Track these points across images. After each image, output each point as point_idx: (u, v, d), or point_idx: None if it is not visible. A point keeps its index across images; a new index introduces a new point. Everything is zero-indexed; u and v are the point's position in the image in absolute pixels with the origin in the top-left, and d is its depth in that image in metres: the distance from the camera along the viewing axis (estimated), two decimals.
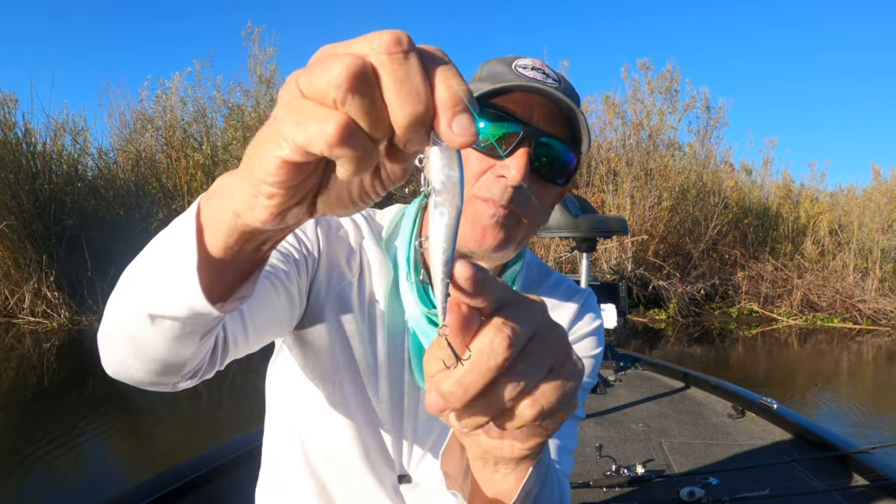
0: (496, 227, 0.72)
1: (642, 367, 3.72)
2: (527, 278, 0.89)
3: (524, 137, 0.69)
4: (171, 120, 9.00)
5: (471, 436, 0.44)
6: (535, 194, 0.73)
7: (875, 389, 5.83)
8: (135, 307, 0.49)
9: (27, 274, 6.85)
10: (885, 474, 2.01)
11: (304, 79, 0.31)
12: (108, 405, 4.22)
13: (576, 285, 0.94)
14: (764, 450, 2.45)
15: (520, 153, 0.69)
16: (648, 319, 8.90)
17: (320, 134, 0.30)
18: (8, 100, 7.32)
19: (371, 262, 0.81)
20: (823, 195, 11.71)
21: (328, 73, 0.29)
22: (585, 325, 0.88)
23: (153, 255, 0.49)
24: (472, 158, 0.72)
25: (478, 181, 0.72)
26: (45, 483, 3.00)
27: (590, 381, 0.88)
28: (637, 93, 9.68)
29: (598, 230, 2.71)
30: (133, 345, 0.52)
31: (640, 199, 9.06)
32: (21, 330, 6.47)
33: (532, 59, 0.75)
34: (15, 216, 6.76)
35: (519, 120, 0.70)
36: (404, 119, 0.30)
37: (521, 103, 0.70)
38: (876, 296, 9.38)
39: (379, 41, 0.30)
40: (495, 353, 0.34)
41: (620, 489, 2.03)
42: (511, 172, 0.69)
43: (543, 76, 0.72)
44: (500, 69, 0.73)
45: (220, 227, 0.41)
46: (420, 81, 0.30)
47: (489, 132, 0.70)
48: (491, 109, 0.70)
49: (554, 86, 0.71)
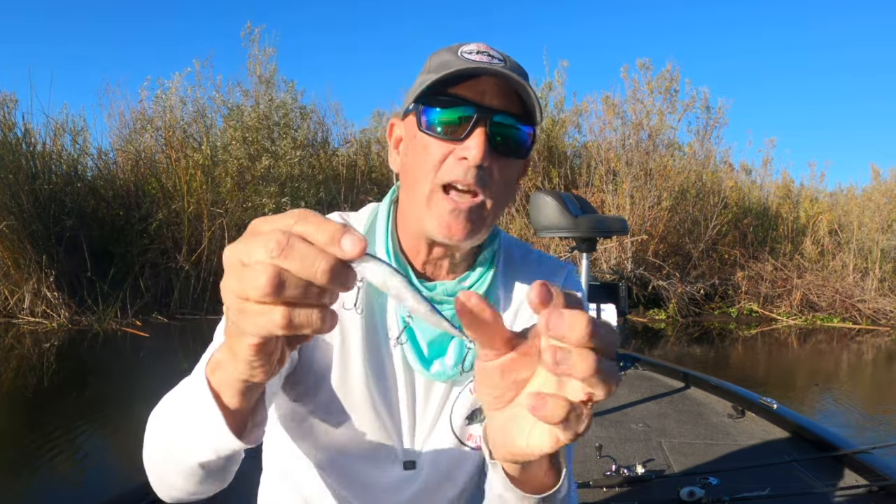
0: (459, 219, 0.75)
1: (642, 367, 3.72)
2: (507, 258, 0.91)
3: (479, 118, 0.73)
4: (170, 120, 8.99)
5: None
6: (498, 169, 0.76)
7: (875, 389, 5.83)
8: (182, 464, 0.62)
9: (27, 274, 6.84)
10: (885, 474, 2.01)
11: (234, 283, 0.41)
12: (107, 405, 4.22)
13: (556, 260, 0.96)
14: (764, 450, 2.45)
15: (477, 133, 0.72)
16: (648, 319, 8.90)
17: (270, 325, 0.40)
18: (8, 100, 7.31)
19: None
20: (823, 195, 11.71)
21: (255, 283, 0.39)
22: None
23: (184, 424, 0.60)
24: (434, 146, 0.75)
25: (441, 167, 0.74)
26: (44, 483, 3.00)
27: None
28: (637, 93, 9.68)
29: (598, 230, 2.70)
30: (186, 489, 0.67)
31: (640, 199, 9.06)
32: (21, 330, 6.46)
33: (477, 43, 0.77)
34: (14, 216, 6.75)
35: (472, 102, 0.73)
36: (322, 278, 0.39)
37: (471, 87, 0.73)
38: (875, 296, 9.38)
39: (270, 245, 0.39)
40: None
41: (620, 489, 2.03)
42: (472, 153, 0.72)
43: (489, 58, 0.75)
44: (448, 57, 0.76)
45: (233, 389, 0.52)
46: (312, 253, 0.39)
47: (445, 118, 0.73)
48: (444, 97, 0.73)
49: (500, 65, 0.74)
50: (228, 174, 8.36)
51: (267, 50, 9.41)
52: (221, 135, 9.05)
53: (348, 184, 9.71)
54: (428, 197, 0.76)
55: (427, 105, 0.75)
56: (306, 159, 9.26)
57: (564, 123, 10.58)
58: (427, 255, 0.83)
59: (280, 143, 8.87)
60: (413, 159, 0.78)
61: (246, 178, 8.50)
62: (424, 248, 0.82)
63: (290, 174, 8.77)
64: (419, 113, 0.76)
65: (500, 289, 0.88)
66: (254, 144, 8.70)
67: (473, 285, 0.84)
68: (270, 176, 8.57)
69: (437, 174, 0.75)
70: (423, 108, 0.75)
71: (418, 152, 0.76)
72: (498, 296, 0.88)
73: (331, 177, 9.71)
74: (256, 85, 9.39)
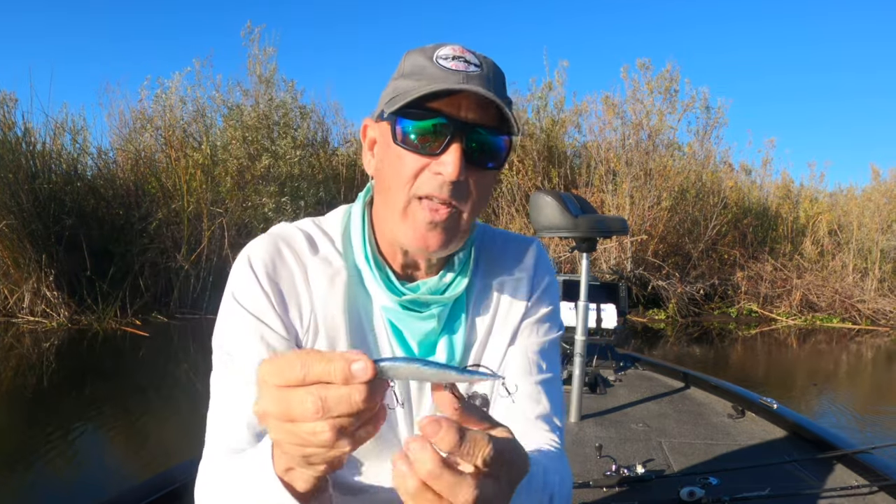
0: (435, 232, 0.75)
1: (642, 367, 3.72)
2: (482, 244, 0.92)
3: (455, 132, 0.72)
4: (170, 119, 8.98)
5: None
6: (475, 181, 0.76)
7: (874, 389, 5.84)
8: None
9: (26, 273, 6.84)
10: (885, 474, 2.01)
11: (297, 439, 0.46)
12: (107, 405, 4.22)
13: (521, 236, 0.97)
14: (764, 450, 2.45)
15: (453, 149, 0.71)
16: (648, 319, 8.90)
17: (343, 455, 0.47)
18: (7, 99, 7.31)
19: (322, 278, 0.82)
20: (823, 195, 11.72)
21: (320, 440, 0.45)
22: (541, 280, 0.92)
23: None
24: (409, 158, 0.74)
25: (416, 180, 0.74)
26: (44, 483, 2.99)
27: (559, 333, 0.93)
28: (636, 93, 9.68)
29: (598, 230, 2.70)
30: None
31: (640, 199, 9.06)
32: (20, 329, 6.46)
33: (452, 46, 0.76)
34: (14, 215, 6.75)
35: (447, 116, 0.72)
36: (364, 404, 0.44)
37: (448, 100, 0.72)
38: (875, 296, 9.39)
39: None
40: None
41: (620, 489, 2.03)
42: (447, 168, 0.71)
43: (465, 64, 0.73)
44: (423, 62, 0.75)
45: (306, 482, 0.55)
46: (345, 394, 0.43)
47: (420, 131, 0.73)
48: (419, 109, 0.72)
49: (476, 72, 0.73)
50: (228, 174, 8.36)
51: (267, 49, 9.41)
52: (221, 134, 9.04)
53: (348, 183, 9.71)
54: (403, 210, 0.75)
55: (402, 116, 0.73)
56: (306, 159, 9.26)
57: (564, 123, 10.58)
58: (404, 257, 0.84)
59: (280, 143, 8.87)
60: (388, 168, 0.77)
61: (246, 177, 8.50)
62: (401, 252, 0.83)
63: (289, 174, 8.77)
64: (394, 123, 0.74)
65: (476, 279, 0.90)
66: (253, 144, 8.70)
67: (454, 281, 0.85)
68: (270, 175, 8.57)
69: (412, 187, 0.74)
70: (399, 119, 0.74)
71: (393, 163, 0.75)
72: (474, 287, 0.89)
73: (330, 176, 9.71)
74: (256, 84, 9.39)
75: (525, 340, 0.89)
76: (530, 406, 0.84)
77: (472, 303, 0.88)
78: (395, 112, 0.73)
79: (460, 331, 0.86)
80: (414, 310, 0.81)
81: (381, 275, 0.81)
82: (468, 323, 0.87)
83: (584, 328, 2.73)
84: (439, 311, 0.83)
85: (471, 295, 0.88)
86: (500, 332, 0.89)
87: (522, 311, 0.89)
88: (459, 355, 0.85)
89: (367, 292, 0.83)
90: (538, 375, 0.87)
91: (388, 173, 0.77)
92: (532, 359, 0.88)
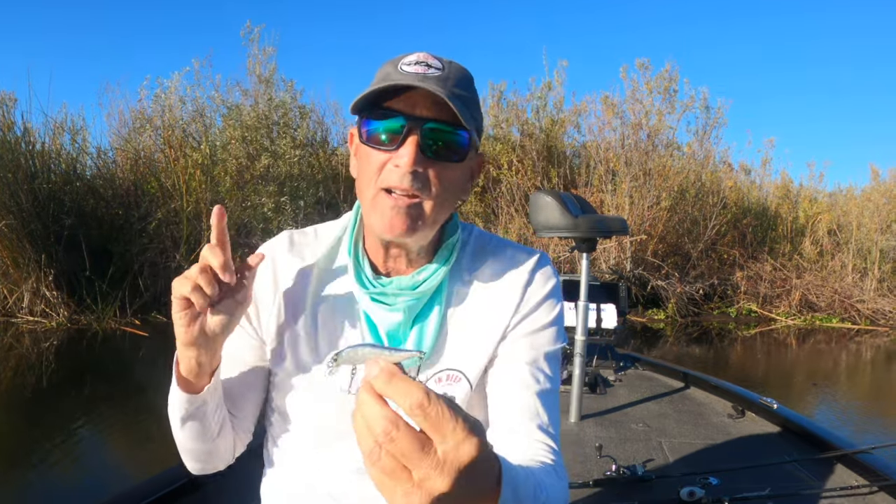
0: (399, 216, 0.81)
1: (642, 367, 3.72)
2: (477, 251, 0.95)
3: (410, 128, 0.79)
4: (169, 119, 8.98)
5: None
6: (436, 173, 0.82)
7: (874, 389, 5.84)
8: (174, 425, 0.89)
9: (26, 273, 6.84)
10: (885, 474, 2.01)
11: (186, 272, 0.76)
12: (107, 405, 4.22)
13: (526, 248, 0.99)
14: (764, 450, 2.45)
15: (408, 142, 0.79)
16: (647, 319, 8.91)
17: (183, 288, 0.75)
18: (7, 99, 7.31)
19: (289, 271, 0.93)
20: (822, 195, 11.72)
21: (192, 270, 0.76)
22: (538, 289, 0.93)
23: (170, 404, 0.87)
24: (374, 155, 0.82)
25: (380, 174, 0.81)
26: (44, 483, 2.99)
27: (559, 345, 0.94)
28: (636, 93, 9.68)
29: (597, 230, 2.70)
30: (187, 447, 0.92)
31: (639, 199, 9.06)
32: (20, 329, 6.46)
33: (418, 53, 0.83)
34: (13, 215, 6.75)
35: (403, 114, 0.79)
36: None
37: (404, 100, 0.80)
38: (874, 296, 9.40)
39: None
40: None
41: (620, 489, 2.03)
42: (403, 160, 0.79)
43: (425, 68, 0.80)
44: (389, 69, 0.82)
45: (180, 359, 0.82)
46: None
47: (381, 129, 0.81)
48: (380, 109, 0.80)
49: (434, 74, 0.80)
50: (227, 173, 8.35)
51: (266, 49, 9.42)
52: (220, 134, 9.04)
53: (348, 183, 9.70)
54: (372, 200, 0.83)
55: (366, 118, 0.82)
56: (305, 159, 9.26)
57: (564, 123, 10.59)
58: (385, 253, 0.90)
59: (279, 143, 8.87)
60: (360, 166, 0.85)
61: (245, 177, 8.50)
62: (382, 247, 0.89)
63: (289, 173, 8.77)
64: (360, 125, 0.83)
65: (463, 280, 0.93)
66: (253, 144, 8.70)
67: (428, 279, 0.89)
68: (269, 175, 8.57)
69: (377, 180, 0.82)
70: (363, 121, 0.83)
71: (363, 160, 0.84)
72: (459, 286, 0.92)
73: (330, 176, 9.70)
74: (256, 84, 9.39)
75: (522, 351, 0.90)
76: (527, 420, 0.84)
77: (453, 300, 0.91)
78: (361, 115, 0.83)
79: (432, 324, 0.89)
80: (383, 302, 0.87)
81: (357, 269, 0.89)
82: (443, 318, 0.90)
83: (584, 328, 2.73)
84: (407, 304, 0.87)
85: (453, 292, 0.91)
86: (480, 331, 0.90)
87: (509, 316, 0.90)
88: (428, 348, 0.88)
89: (349, 285, 0.90)
90: (535, 387, 0.87)
91: (361, 171, 0.86)
92: (530, 371, 0.88)
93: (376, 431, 0.43)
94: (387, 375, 0.44)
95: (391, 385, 0.44)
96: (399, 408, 0.43)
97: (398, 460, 0.43)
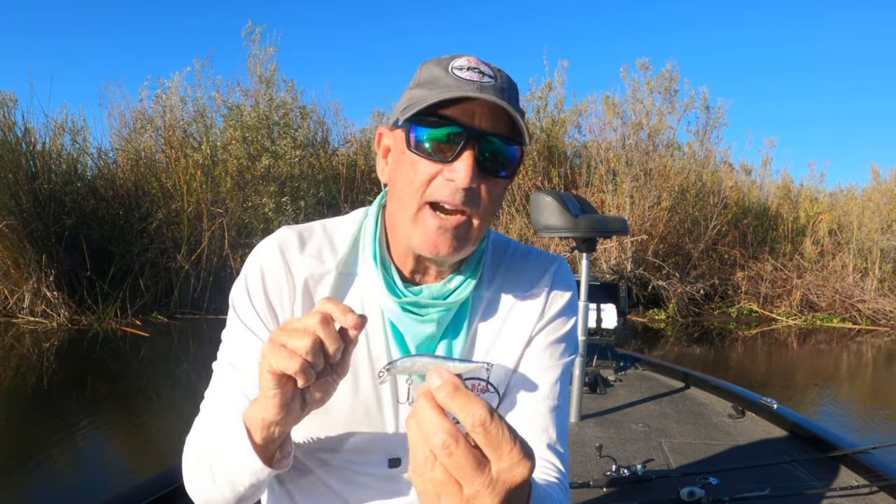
0: (445, 236, 0.76)
1: (642, 367, 3.72)
2: (496, 257, 0.92)
3: (468, 140, 0.73)
4: (170, 120, 8.99)
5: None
6: (486, 188, 0.77)
7: (875, 389, 5.83)
8: (225, 493, 0.74)
9: (26, 273, 6.84)
10: (885, 474, 2.01)
11: (282, 338, 0.61)
12: (107, 405, 4.22)
13: (546, 254, 0.96)
14: (764, 450, 2.45)
15: (465, 156, 0.73)
16: (648, 319, 8.90)
17: (288, 366, 0.60)
18: (8, 99, 7.31)
19: (305, 275, 0.85)
20: (823, 195, 11.72)
21: (299, 341, 0.60)
22: (558, 299, 0.91)
23: (227, 460, 0.72)
24: (422, 165, 0.75)
25: (429, 186, 0.75)
26: (44, 483, 3.00)
27: (574, 355, 0.93)
28: (636, 93, 9.68)
29: (598, 230, 2.70)
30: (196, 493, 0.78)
31: (640, 199, 9.06)
32: (20, 329, 6.46)
33: (467, 57, 0.77)
34: (14, 216, 6.75)
35: (461, 124, 0.73)
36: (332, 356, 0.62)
37: (461, 108, 0.73)
38: (875, 296, 9.39)
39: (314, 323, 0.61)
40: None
41: (620, 489, 2.03)
42: (459, 175, 0.73)
43: (479, 75, 0.75)
44: (438, 72, 0.76)
45: (256, 427, 0.68)
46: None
47: (434, 139, 0.74)
48: (433, 117, 0.74)
49: (490, 83, 0.74)
50: (228, 174, 8.35)
51: (267, 49, 9.42)
52: (221, 134, 9.04)
53: (348, 183, 9.70)
54: (415, 214, 0.77)
55: (417, 124, 0.75)
56: (306, 159, 9.25)
57: (564, 123, 10.58)
58: (415, 263, 0.85)
59: (280, 143, 8.87)
60: (401, 175, 0.78)
61: (246, 177, 8.50)
62: (412, 257, 0.84)
63: (289, 174, 8.77)
64: (408, 130, 0.76)
65: (487, 290, 0.89)
66: (253, 144, 8.69)
67: (458, 287, 0.85)
68: (270, 175, 8.57)
69: (424, 193, 0.76)
70: (413, 127, 0.75)
71: (406, 169, 0.77)
72: (483, 296, 0.89)
73: (331, 176, 9.70)
74: (256, 84, 9.39)
75: (537, 364, 0.88)
76: (538, 435, 0.84)
77: (479, 311, 0.88)
78: (410, 120, 0.75)
79: (461, 337, 0.86)
80: (414, 313, 0.82)
81: (385, 276, 0.83)
82: (471, 330, 0.87)
83: (585, 328, 2.74)
84: (439, 315, 0.83)
85: (478, 303, 0.88)
86: (506, 343, 0.88)
87: (532, 325, 0.89)
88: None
89: (370, 293, 0.85)
90: (548, 402, 0.87)
91: (401, 179, 0.78)
92: (543, 385, 0.87)
93: (434, 442, 0.42)
94: (451, 388, 0.44)
95: (454, 399, 0.43)
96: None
97: (451, 474, 0.43)
